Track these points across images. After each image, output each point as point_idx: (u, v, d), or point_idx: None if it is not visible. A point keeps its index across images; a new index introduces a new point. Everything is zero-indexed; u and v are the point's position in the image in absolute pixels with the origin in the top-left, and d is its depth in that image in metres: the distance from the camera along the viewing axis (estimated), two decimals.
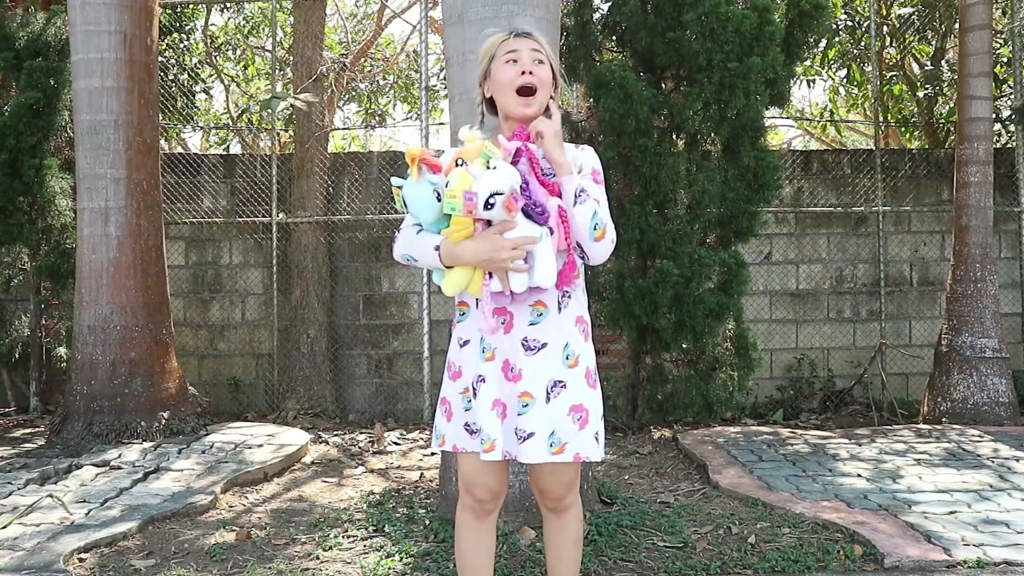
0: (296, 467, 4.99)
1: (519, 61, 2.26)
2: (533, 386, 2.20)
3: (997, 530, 3.50)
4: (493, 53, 2.31)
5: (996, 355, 5.99)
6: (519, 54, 2.26)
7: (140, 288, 5.44)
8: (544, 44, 2.32)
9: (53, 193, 6.28)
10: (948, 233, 7.04)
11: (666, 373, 5.77)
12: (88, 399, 5.30)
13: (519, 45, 2.28)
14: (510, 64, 2.26)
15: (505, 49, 2.28)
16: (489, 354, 2.23)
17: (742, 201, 5.61)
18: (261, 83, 11.41)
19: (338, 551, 3.45)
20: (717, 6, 5.32)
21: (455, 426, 2.31)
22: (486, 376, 2.23)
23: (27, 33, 6.32)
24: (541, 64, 2.28)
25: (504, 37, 2.31)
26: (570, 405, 2.21)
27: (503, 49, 2.28)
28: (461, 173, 2.08)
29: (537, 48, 2.29)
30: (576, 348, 2.26)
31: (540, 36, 2.34)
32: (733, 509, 3.94)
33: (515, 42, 2.29)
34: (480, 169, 2.08)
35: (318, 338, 6.88)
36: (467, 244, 2.11)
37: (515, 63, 2.26)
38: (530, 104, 2.25)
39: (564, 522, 2.38)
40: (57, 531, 3.56)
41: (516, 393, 2.20)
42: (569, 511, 2.37)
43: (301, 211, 6.94)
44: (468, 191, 2.05)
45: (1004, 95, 7.92)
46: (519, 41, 2.29)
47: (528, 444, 2.18)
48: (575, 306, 2.28)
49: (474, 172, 2.07)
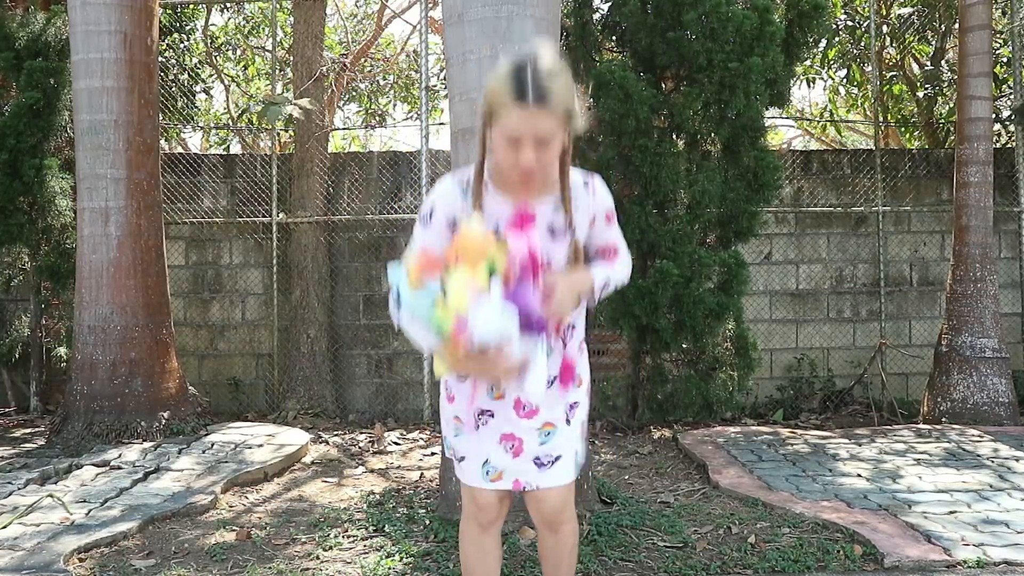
0: (296, 467, 4.99)
1: (520, 149, 1.96)
2: (553, 415, 2.20)
3: (997, 530, 3.50)
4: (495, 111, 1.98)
5: (996, 355, 5.99)
6: (521, 141, 1.95)
7: (140, 288, 5.44)
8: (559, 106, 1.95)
9: (53, 193, 6.28)
10: (948, 233, 7.04)
11: (666, 373, 5.77)
12: (88, 399, 5.30)
13: (525, 127, 1.93)
14: (509, 147, 1.97)
15: (507, 125, 1.95)
16: (498, 393, 2.19)
17: (742, 201, 5.61)
18: (261, 83, 11.41)
19: (338, 551, 3.45)
20: (717, 6, 5.32)
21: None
22: (495, 412, 2.20)
23: (27, 33, 6.32)
24: (549, 145, 1.97)
25: (510, 100, 1.93)
26: (581, 422, 2.27)
27: (505, 121, 1.95)
28: (458, 291, 1.92)
29: (547, 129, 1.94)
30: (582, 371, 2.27)
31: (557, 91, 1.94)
32: (733, 509, 3.94)
33: (520, 119, 1.92)
34: (479, 291, 1.93)
35: (318, 338, 6.88)
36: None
37: (515, 146, 1.96)
38: (530, 186, 2.06)
39: (560, 537, 2.36)
40: (57, 531, 3.56)
41: (536, 426, 2.18)
42: (566, 526, 2.35)
43: (301, 211, 6.94)
44: (461, 316, 1.91)
45: (1004, 95, 7.92)
46: (527, 117, 1.92)
47: (556, 468, 2.19)
48: (579, 332, 2.28)
49: (472, 293, 1.92)
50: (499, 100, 1.96)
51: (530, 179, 2.02)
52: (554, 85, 1.94)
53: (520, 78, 1.93)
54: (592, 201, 2.15)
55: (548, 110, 1.93)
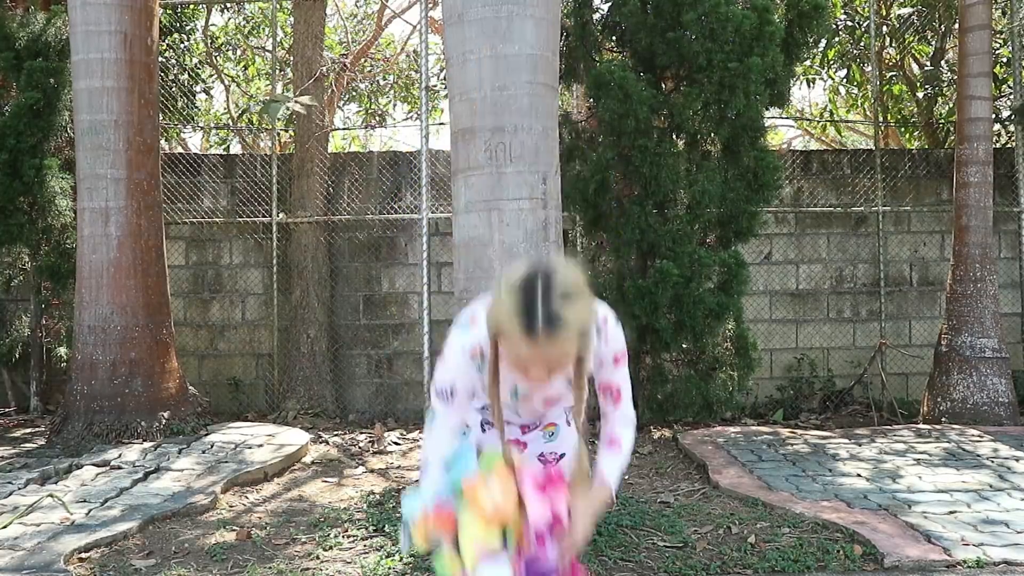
0: (296, 467, 4.99)
1: (530, 369, 1.85)
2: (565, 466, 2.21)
3: (997, 530, 3.50)
4: (504, 334, 1.83)
5: (996, 355, 5.99)
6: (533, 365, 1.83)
7: (140, 288, 5.44)
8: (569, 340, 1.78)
9: (53, 193, 6.28)
10: (948, 233, 7.04)
11: (666, 373, 5.77)
12: (88, 399, 5.30)
13: (534, 356, 1.79)
14: (520, 366, 1.87)
15: (518, 351, 1.81)
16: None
17: (742, 201, 5.61)
18: (261, 83, 11.41)
19: (338, 551, 3.45)
20: (717, 6, 5.32)
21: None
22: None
23: (27, 33, 6.32)
24: (560, 365, 1.86)
25: (519, 332, 1.76)
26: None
27: (515, 348, 1.81)
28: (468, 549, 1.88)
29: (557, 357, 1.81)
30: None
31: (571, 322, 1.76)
32: (733, 509, 3.94)
33: (531, 350, 1.78)
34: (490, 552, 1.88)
35: (318, 338, 6.88)
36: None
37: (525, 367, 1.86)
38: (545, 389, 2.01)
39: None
40: (57, 531, 3.56)
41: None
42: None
43: (301, 211, 6.94)
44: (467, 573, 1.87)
45: (1004, 95, 7.92)
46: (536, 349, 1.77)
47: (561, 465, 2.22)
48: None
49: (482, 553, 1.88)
50: (506, 328, 1.80)
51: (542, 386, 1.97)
52: (567, 314, 1.75)
53: (529, 311, 1.75)
54: (603, 346, 2.02)
55: (559, 341, 1.76)
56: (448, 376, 1.99)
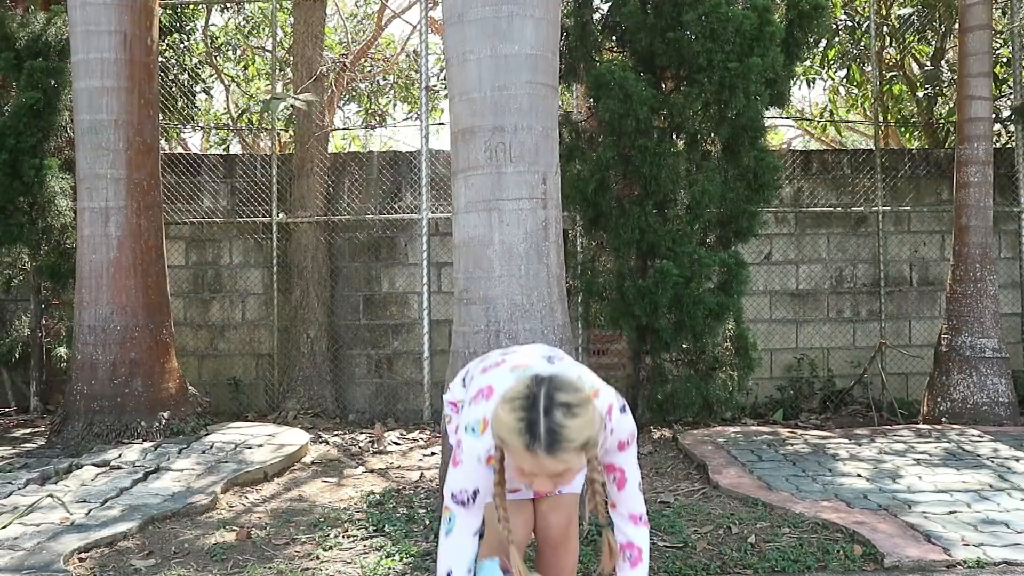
0: (296, 467, 4.99)
1: (533, 484, 1.88)
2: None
3: (997, 530, 3.50)
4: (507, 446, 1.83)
5: (996, 355, 5.99)
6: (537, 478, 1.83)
7: (140, 288, 5.44)
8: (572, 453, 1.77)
9: (53, 193, 6.28)
10: (948, 233, 7.04)
11: (666, 373, 5.77)
12: (88, 399, 5.30)
13: (536, 469, 1.78)
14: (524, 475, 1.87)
15: (521, 463, 1.82)
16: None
17: (742, 201, 5.61)
18: (261, 83, 11.41)
19: (338, 551, 3.45)
20: (718, 6, 5.32)
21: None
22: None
23: (27, 33, 6.32)
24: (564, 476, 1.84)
25: (520, 446, 1.76)
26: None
27: (518, 460, 1.82)
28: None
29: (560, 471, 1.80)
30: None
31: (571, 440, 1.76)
32: (733, 509, 3.94)
33: (533, 463, 1.78)
34: None
35: (318, 338, 6.88)
36: None
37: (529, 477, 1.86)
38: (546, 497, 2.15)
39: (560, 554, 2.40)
40: (57, 531, 3.56)
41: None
42: (570, 541, 2.40)
43: (301, 211, 6.94)
44: None
45: (1004, 95, 7.92)
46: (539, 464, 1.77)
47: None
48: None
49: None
50: (508, 440, 1.79)
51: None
52: (570, 431, 1.74)
53: (531, 429, 1.74)
54: (609, 437, 2.04)
55: (563, 457, 1.75)
56: (468, 483, 1.99)
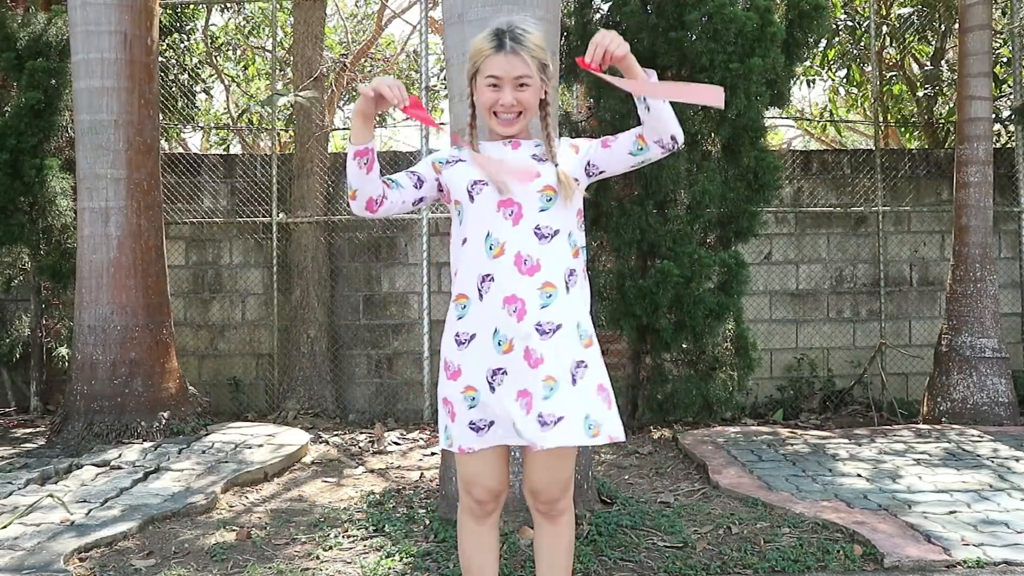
0: (296, 467, 4.99)
1: (500, 88, 2.23)
2: (556, 369, 2.17)
3: (997, 530, 3.50)
4: (478, 66, 2.26)
5: (996, 355, 5.99)
6: (501, 81, 2.22)
7: (140, 288, 5.44)
8: (533, 56, 2.23)
9: (54, 193, 6.28)
10: (948, 233, 7.04)
11: (666, 373, 5.77)
12: (88, 399, 5.30)
13: (503, 70, 2.21)
14: (491, 89, 2.24)
15: (488, 70, 2.23)
16: (507, 346, 2.18)
17: (742, 201, 5.62)
18: (261, 83, 11.41)
19: (338, 551, 3.45)
20: (722, 7, 5.32)
21: (460, 426, 2.25)
22: (507, 368, 2.18)
23: (28, 33, 6.32)
24: (526, 87, 2.24)
25: (490, 50, 2.22)
26: (597, 384, 2.21)
27: (487, 67, 2.24)
28: None
29: (523, 74, 2.22)
30: (587, 328, 2.26)
31: (530, 42, 2.23)
32: (733, 509, 3.94)
33: (499, 63, 2.21)
34: None
35: (318, 338, 6.88)
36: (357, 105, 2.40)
37: (496, 88, 2.24)
38: (511, 125, 2.29)
39: (558, 528, 2.33)
40: (57, 531, 3.56)
41: (540, 378, 2.15)
42: (563, 516, 2.33)
43: (301, 211, 6.94)
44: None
45: (1004, 95, 7.92)
46: (504, 62, 2.21)
47: (559, 428, 2.13)
48: (581, 288, 2.28)
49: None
50: (481, 53, 2.25)
51: (512, 121, 2.28)
52: (528, 37, 2.23)
53: (499, 33, 2.23)
54: (583, 143, 2.38)
55: (523, 56, 2.21)
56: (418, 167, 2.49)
